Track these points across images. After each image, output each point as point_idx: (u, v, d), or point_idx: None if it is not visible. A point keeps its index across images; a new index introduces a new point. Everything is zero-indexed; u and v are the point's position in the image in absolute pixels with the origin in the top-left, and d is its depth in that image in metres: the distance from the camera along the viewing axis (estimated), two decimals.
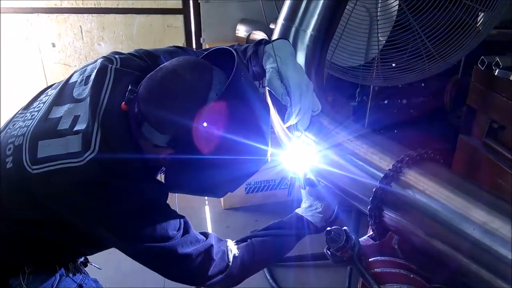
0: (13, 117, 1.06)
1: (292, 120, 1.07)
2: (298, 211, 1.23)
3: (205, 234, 1.04)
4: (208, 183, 1.00)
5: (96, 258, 1.12)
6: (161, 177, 1.03)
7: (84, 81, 1.00)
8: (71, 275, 1.07)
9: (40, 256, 1.00)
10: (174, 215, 0.98)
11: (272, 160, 1.05)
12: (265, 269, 2.23)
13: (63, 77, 1.07)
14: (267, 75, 1.08)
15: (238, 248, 1.07)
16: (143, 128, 0.91)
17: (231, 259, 1.04)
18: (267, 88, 1.26)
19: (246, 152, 0.94)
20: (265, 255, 1.13)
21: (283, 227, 1.16)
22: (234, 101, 0.90)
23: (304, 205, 1.23)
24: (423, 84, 2.18)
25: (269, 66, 1.09)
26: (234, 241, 1.10)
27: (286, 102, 1.06)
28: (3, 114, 1.12)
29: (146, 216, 0.92)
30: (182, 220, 0.99)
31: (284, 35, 1.31)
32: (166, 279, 1.03)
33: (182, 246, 0.96)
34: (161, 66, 0.94)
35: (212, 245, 1.01)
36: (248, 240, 1.11)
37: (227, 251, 1.05)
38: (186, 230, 0.99)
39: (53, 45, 3.03)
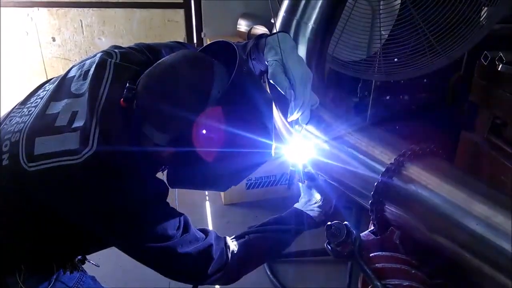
0: (10, 112, 1.04)
1: (296, 115, 1.05)
2: (297, 205, 1.22)
3: (205, 231, 1.03)
4: (212, 178, 1.00)
5: (95, 254, 1.11)
6: (162, 174, 1.02)
7: (82, 75, 0.98)
8: (68, 273, 1.05)
9: (36, 254, 0.98)
10: (174, 213, 0.97)
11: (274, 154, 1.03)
12: (265, 265, 2.23)
13: (63, 72, 1.05)
14: (270, 68, 1.05)
15: (236, 245, 1.06)
16: (143, 127, 0.89)
17: (230, 257, 1.03)
18: (266, 82, 1.24)
19: (250, 147, 0.93)
20: (263, 251, 1.12)
21: (282, 223, 1.16)
22: (238, 97, 0.89)
23: (303, 199, 1.22)
24: (425, 80, 2.15)
25: (271, 58, 1.05)
26: (232, 237, 1.09)
27: (290, 96, 1.03)
28: (3, 109, 1.10)
29: (145, 215, 0.90)
30: (181, 219, 0.98)
31: (285, 27, 1.29)
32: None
33: (181, 246, 0.95)
34: (159, 61, 0.92)
35: (211, 244, 1.00)
36: (246, 236, 1.10)
37: (225, 248, 1.04)
38: (186, 228, 0.98)
39: (53, 40, 3.03)
